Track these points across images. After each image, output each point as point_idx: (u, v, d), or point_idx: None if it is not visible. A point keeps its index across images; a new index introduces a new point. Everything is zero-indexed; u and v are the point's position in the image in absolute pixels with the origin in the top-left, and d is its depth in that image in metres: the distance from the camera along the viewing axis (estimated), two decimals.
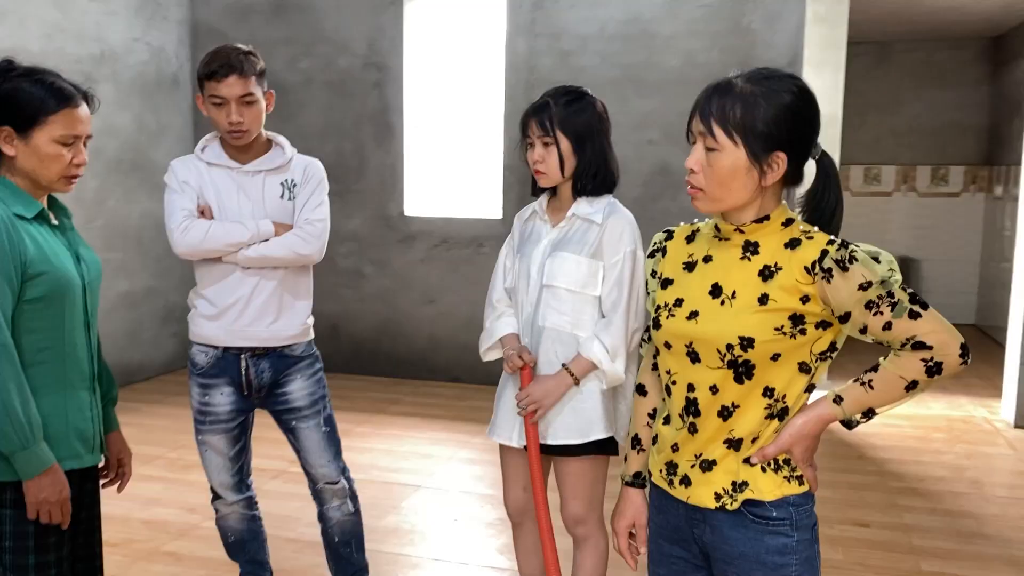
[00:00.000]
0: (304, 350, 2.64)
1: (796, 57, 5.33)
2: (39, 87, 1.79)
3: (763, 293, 1.48)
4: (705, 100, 1.50)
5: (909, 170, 8.87)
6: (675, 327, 1.57)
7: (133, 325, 5.91)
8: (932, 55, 8.64)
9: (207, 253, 2.48)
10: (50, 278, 1.80)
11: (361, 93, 6.12)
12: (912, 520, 3.80)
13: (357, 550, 2.79)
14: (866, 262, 1.44)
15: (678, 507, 1.61)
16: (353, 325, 6.34)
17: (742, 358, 1.49)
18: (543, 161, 2.25)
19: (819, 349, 1.51)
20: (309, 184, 2.58)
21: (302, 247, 2.51)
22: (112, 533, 3.39)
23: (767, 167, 1.48)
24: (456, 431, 4.97)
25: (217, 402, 2.58)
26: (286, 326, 2.57)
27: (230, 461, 2.65)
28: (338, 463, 2.71)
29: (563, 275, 2.24)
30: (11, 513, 1.79)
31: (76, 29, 5.36)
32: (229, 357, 2.55)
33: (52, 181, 1.84)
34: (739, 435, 1.53)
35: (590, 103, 2.28)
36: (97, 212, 5.57)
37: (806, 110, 1.49)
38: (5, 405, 1.71)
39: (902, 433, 5.05)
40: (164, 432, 4.80)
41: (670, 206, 5.58)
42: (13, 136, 1.80)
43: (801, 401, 1.54)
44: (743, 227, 1.54)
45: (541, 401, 2.23)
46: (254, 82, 2.45)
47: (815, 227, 1.53)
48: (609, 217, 2.26)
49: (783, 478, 1.53)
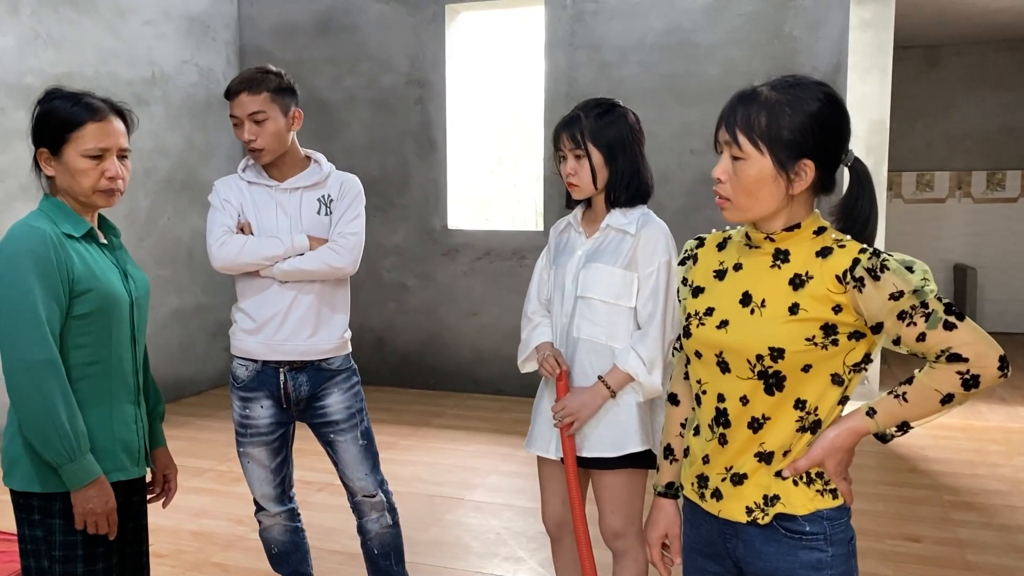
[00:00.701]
0: (341, 363, 2.65)
1: (840, 64, 5.26)
2: (67, 105, 1.86)
3: (794, 302, 1.46)
4: (730, 109, 1.49)
5: (964, 175, 8.67)
6: (705, 336, 1.55)
7: (184, 340, 6.05)
8: (983, 57, 8.44)
9: (243, 267, 2.53)
10: (97, 295, 1.86)
11: (404, 109, 6.20)
12: (966, 535, 3.69)
13: (397, 562, 2.79)
14: (898, 271, 1.40)
15: (710, 521, 1.59)
16: (397, 338, 6.40)
17: (772, 369, 1.47)
18: (575, 174, 2.25)
19: (852, 360, 1.48)
20: (345, 199, 2.61)
21: (335, 260, 2.53)
22: (161, 544, 3.46)
23: (794, 175, 1.46)
24: (499, 444, 4.98)
25: (257, 415, 2.61)
26: (323, 340, 2.59)
27: (271, 473, 2.68)
28: (375, 476, 2.71)
29: (597, 286, 2.24)
30: (60, 523, 1.85)
31: (128, 53, 5.54)
32: (268, 371, 2.58)
33: (88, 195, 1.88)
34: (770, 448, 1.51)
35: (621, 114, 2.28)
36: (149, 230, 5.72)
37: (833, 117, 1.47)
38: (52, 418, 1.76)
39: (957, 445, 4.91)
40: (214, 445, 4.89)
41: (714, 216, 5.50)
42: (50, 156, 1.87)
43: (835, 413, 1.51)
44: (773, 235, 1.52)
45: (577, 413, 2.22)
46: (266, 99, 2.47)
47: (848, 235, 1.50)
48: (643, 228, 2.25)
49: (816, 492, 1.50)
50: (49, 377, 1.77)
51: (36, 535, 1.85)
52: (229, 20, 6.45)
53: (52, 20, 4.98)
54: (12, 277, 1.77)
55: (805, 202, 1.51)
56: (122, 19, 5.47)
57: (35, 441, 1.78)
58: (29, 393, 1.76)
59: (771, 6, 5.36)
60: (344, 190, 2.62)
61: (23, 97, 4.78)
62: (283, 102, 2.52)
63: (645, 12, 5.59)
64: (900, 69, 7.17)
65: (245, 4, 6.53)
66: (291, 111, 2.54)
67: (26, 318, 1.75)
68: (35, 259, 1.77)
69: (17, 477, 1.85)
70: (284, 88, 2.53)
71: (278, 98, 2.50)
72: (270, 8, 6.47)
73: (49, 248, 1.79)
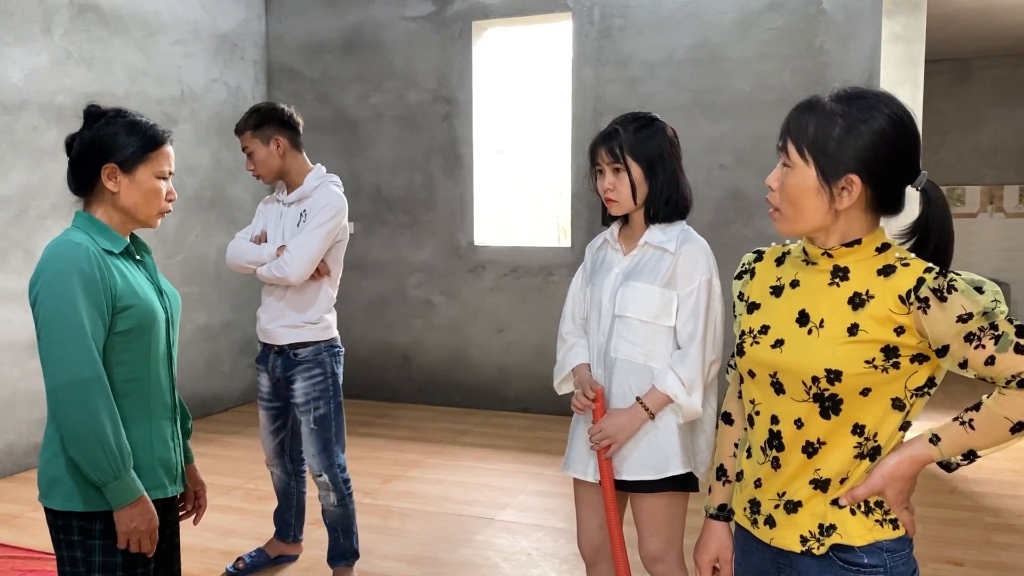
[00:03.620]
0: (307, 355, 3.12)
1: (872, 77, 5.19)
2: (140, 128, 1.89)
3: (853, 323, 1.40)
4: (789, 116, 1.46)
5: (995, 190, 8.55)
6: (759, 355, 1.49)
7: (211, 357, 6.05)
8: (1015, 71, 8.34)
9: (237, 267, 3.14)
10: (138, 311, 1.85)
11: (431, 126, 6.20)
12: (1010, 559, 3.58)
13: (345, 537, 3.25)
14: (967, 292, 1.33)
15: (763, 549, 1.53)
16: (424, 355, 6.37)
17: (828, 392, 1.40)
18: (614, 189, 2.21)
19: (915, 384, 1.41)
20: (313, 215, 3.04)
21: (278, 270, 3.00)
22: (191, 563, 3.43)
23: (838, 190, 1.40)
24: (527, 463, 4.92)
25: (262, 383, 3.26)
26: (287, 331, 3.11)
27: (270, 435, 3.31)
28: (322, 458, 3.14)
29: (635, 305, 2.19)
30: (100, 544, 1.82)
31: (158, 72, 5.58)
32: (266, 351, 3.20)
33: (151, 215, 1.94)
34: (826, 475, 1.44)
35: (660, 128, 2.24)
36: (177, 248, 5.75)
37: (891, 135, 1.39)
38: (99, 436, 1.74)
39: (998, 466, 4.79)
40: (241, 463, 4.87)
41: (744, 231, 5.47)
42: (117, 172, 1.87)
43: (895, 440, 1.44)
44: (831, 251, 1.45)
45: (615, 436, 2.17)
46: (248, 136, 3.07)
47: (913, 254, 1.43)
48: (683, 245, 2.20)
49: (875, 521, 1.43)
50: (96, 394, 1.75)
51: (75, 556, 1.83)
52: (257, 39, 6.49)
53: (83, 39, 5.03)
54: (59, 294, 1.76)
55: (861, 219, 1.44)
56: (152, 38, 5.52)
57: (81, 459, 1.76)
58: (76, 411, 1.74)
59: (801, 20, 5.31)
60: (316, 206, 3.04)
61: (56, 117, 4.82)
62: (264, 134, 3.05)
63: (673, 27, 5.56)
64: (931, 83, 7.09)
65: (273, 22, 6.57)
66: (271, 140, 3.05)
67: (73, 335, 1.74)
68: (80, 275, 1.77)
69: (58, 496, 1.82)
70: (263, 122, 3.05)
71: (259, 132, 3.06)
72: (298, 26, 6.51)
73: (93, 265, 1.79)
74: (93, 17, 5.09)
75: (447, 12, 6.08)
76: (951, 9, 6.46)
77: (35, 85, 4.74)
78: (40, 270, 1.81)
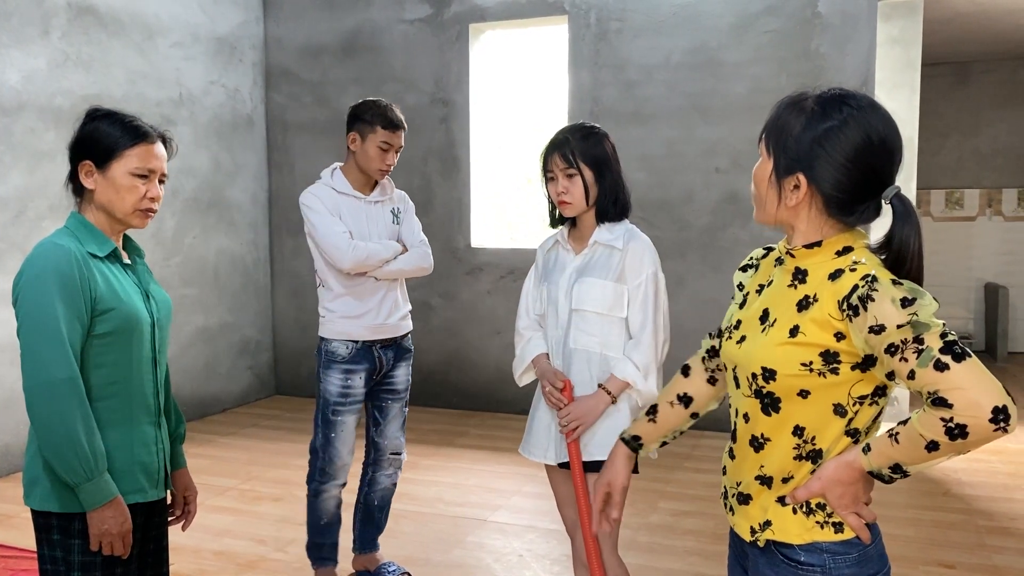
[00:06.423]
0: (409, 342, 3.31)
1: (867, 81, 5.20)
2: (117, 125, 1.90)
3: (795, 325, 1.40)
4: (774, 107, 1.50)
5: (994, 193, 8.54)
6: (727, 349, 1.56)
7: (209, 359, 6.07)
8: (1013, 74, 8.34)
9: (368, 268, 3.09)
10: (119, 314, 1.86)
11: (428, 129, 6.22)
12: (1002, 562, 3.58)
13: (386, 516, 3.35)
14: (884, 302, 1.29)
15: (734, 534, 1.61)
16: (421, 357, 6.35)
17: (766, 389, 1.44)
18: (568, 192, 2.38)
19: (860, 392, 1.39)
20: (409, 212, 3.29)
21: (426, 262, 3.23)
22: (183, 564, 3.45)
23: (788, 187, 1.43)
24: (523, 464, 4.92)
25: (356, 385, 3.17)
26: (405, 322, 3.26)
27: (353, 438, 3.21)
28: (403, 438, 3.34)
29: (591, 300, 2.38)
30: (79, 543, 1.84)
31: (157, 74, 5.60)
32: (364, 348, 3.16)
33: (127, 214, 1.91)
34: (769, 472, 1.47)
35: (603, 136, 2.44)
36: (175, 249, 5.77)
37: (851, 143, 1.36)
38: (71, 438, 1.76)
39: (992, 469, 4.79)
40: (237, 464, 4.88)
41: (739, 234, 5.48)
42: (93, 170, 1.89)
43: (840, 445, 1.42)
44: (793, 251, 1.47)
45: (583, 419, 2.36)
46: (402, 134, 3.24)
47: (876, 260, 1.40)
48: (630, 242, 2.40)
49: (816, 523, 1.43)
50: (69, 396, 1.76)
51: (55, 555, 1.84)
52: (256, 41, 6.51)
53: (82, 42, 5.06)
54: (36, 295, 1.77)
55: (821, 221, 1.43)
56: (150, 41, 5.55)
57: (53, 460, 1.77)
58: (49, 411, 1.75)
59: (797, 23, 5.32)
60: (407, 204, 3.31)
61: (54, 119, 4.84)
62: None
63: (670, 30, 5.57)
64: (929, 86, 7.10)
65: (272, 25, 6.59)
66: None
67: (49, 336, 1.76)
68: (59, 277, 1.78)
69: (37, 496, 1.85)
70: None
71: None
72: (296, 29, 6.53)
73: (73, 266, 1.79)
74: (91, 19, 5.12)
75: (445, 15, 6.09)
76: (948, 13, 6.46)
77: (33, 87, 4.76)
78: (21, 272, 1.82)
